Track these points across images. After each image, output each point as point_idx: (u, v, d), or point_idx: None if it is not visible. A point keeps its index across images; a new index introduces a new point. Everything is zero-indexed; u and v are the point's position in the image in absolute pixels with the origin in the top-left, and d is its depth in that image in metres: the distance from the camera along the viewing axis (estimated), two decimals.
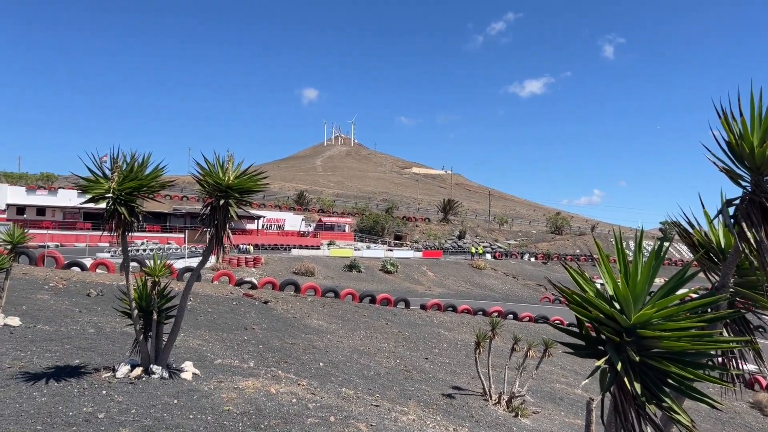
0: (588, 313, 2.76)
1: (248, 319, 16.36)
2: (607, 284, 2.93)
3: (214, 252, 5.90)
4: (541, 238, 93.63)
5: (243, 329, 14.76)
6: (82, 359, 7.14)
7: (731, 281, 3.52)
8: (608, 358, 2.72)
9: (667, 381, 2.72)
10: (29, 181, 72.83)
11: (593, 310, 2.73)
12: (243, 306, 18.03)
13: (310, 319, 18.95)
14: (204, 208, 5.86)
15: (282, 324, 16.94)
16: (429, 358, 16.78)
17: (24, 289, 14.25)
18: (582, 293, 2.89)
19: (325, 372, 11.72)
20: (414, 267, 54.92)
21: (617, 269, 2.92)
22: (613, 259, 3.24)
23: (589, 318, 2.78)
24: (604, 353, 2.80)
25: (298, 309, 20.03)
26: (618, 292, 2.78)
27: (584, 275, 3.02)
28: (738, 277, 3.71)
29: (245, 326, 15.21)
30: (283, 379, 7.39)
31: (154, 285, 6.17)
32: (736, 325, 3.75)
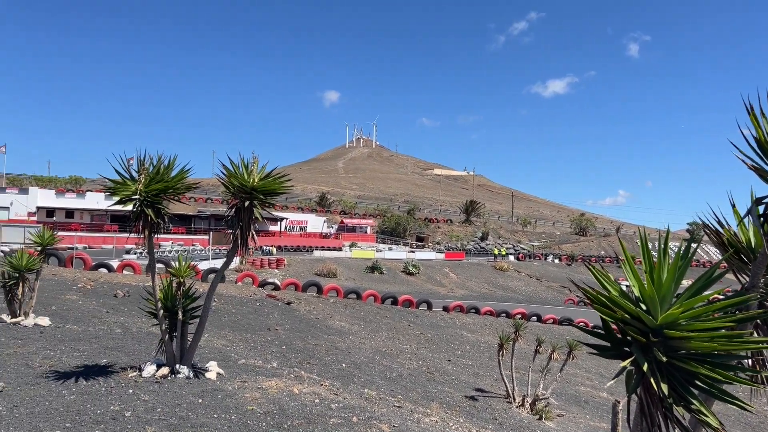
0: (613, 314, 2.73)
1: (271, 319, 16.48)
2: (633, 284, 2.88)
3: (238, 253, 5.96)
4: (565, 240, 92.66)
5: (266, 330, 14.87)
6: (110, 359, 7.27)
7: (761, 281, 3.44)
8: (634, 359, 2.68)
9: (696, 383, 2.67)
10: (58, 185, 74.47)
11: (618, 310, 2.70)
12: (266, 307, 18.17)
13: (333, 320, 19.02)
14: (229, 210, 5.92)
15: (305, 325, 17.03)
16: (451, 360, 16.72)
17: (53, 290, 14.56)
18: (606, 294, 2.86)
19: (348, 373, 11.75)
20: (436, 269, 54.77)
21: (643, 270, 2.88)
22: (638, 260, 3.20)
23: (615, 319, 2.75)
24: (630, 354, 2.76)
25: (321, 310, 20.11)
26: (644, 292, 2.73)
27: (608, 275, 2.98)
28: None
29: (268, 327, 15.33)
30: (306, 379, 7.43)
31: (180, 286, 6.26)
32: (766, 326, 3.67)
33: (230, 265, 26.92)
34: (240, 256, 8.22)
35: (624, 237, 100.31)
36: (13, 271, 9.52)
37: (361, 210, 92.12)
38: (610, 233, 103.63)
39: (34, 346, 7.71)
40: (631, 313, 2.68)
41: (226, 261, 6.34)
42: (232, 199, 6.00)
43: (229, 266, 6.41)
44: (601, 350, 2.94)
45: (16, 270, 9.50)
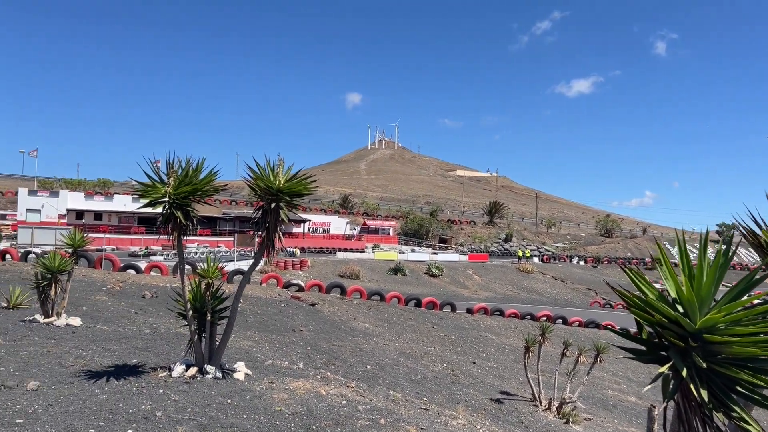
0: (650, 317, 2.67)
1: (296, 320, 16.58)
2: (670, 287, 2.82)
3: (265, 255, 6.01)
4: (591, 241, 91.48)
5: (291, 331, 14.96)
6: (140, 359, 7.37)
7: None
8: (672, 363, 2.62)
9: (736, 388, 2.60)
10: (87, 187, 76.01)
11: (656, 314, 2.64)
12: (291, 308, 18.29)
13: (356, 321, 19.04)
14: (256, 212, 5.97)
15: (329, 326, 17.09)
16: (476, 363, 16.61)
17: (84, 291, 14.85)
18: (642, 296, 2.80)
19: (373, 375, 11.75)
20: (459, 270, 54.52)
21: (681, 273, 2.82)
22: (674, 262, 3.13)
23: (651, 322, 2.69)
24: (668, 359, 2.70)
25: (345, 311, 20.16)
26: (682, 295, 2.68)
27: (644, 278, 2.93)
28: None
29: (293, 328, 15.42)
30: (333, 380, 7.44)
31: (208, 287, 6.33)
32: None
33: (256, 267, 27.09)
34: (267, 258, 8.33)
35: (651, 239, 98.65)
36: (46, 272, 9.73)
37: (383, 212, 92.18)
38: (636, 235, 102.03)
39: (67, 346, 7.86)
40: (669, 317, 2.62)
41: (254, 262, 6.39)
42: (258, 201, 6.04)
43: (256, 267, 6.45)
44: (637, 354, 2.89)
45: (49, 271, 9.71)
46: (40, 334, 8.69)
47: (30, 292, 11.52)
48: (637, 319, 2.83)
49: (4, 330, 8.74)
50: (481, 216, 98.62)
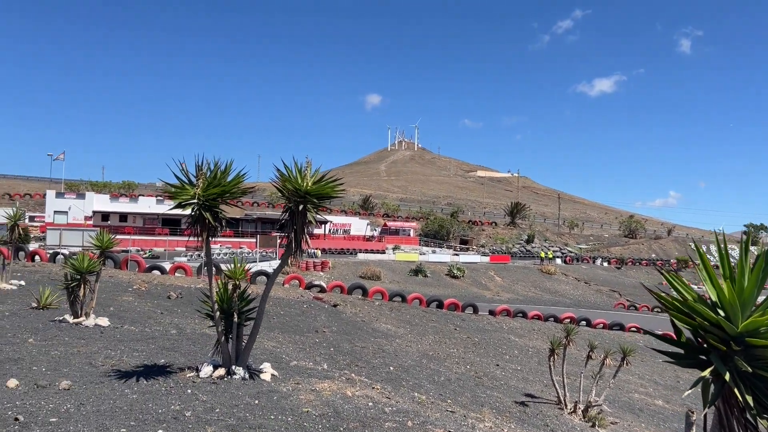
0: (690, 321, 2.61)
1: (318, 321, 16.63)
2: (710, 290, 2.76)
3: (292, 257, 6.04)
4: (614, 242, 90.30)
5: (314, 332, 15.01)
6: (167, 359, 7.45)
7: None
8: (714, 368, 2.56)
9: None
10: (112, 189, 77.30)
11: (697, 317, 2.58)
12: (313, 309, 18.35)
13: (378, 323, 19.04)
14: (283, 214, 5.99)
15: (351, 327, 17.11)
16: (500, 365, 16.48)
17: (111, 291, 15.08)
18: (681, 299, 2.74)
19: (396, 376, 11.73)
20: (481, 272, 54.23)
21: (722, 276, 2.75)
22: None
23: (692, 326, 2.63)
24: (708, 363, 2.63)
25: (366, 313, 20.17)
26: (723, 298, 2.61)
27: (683, 280, 2.86)
28: None
29: (316, 329, 15.47)
30: (358, 382, 7.44)
31: (235, 288, 6.37)
32: None
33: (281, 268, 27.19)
34: (295, 259, 8.35)
35: (676, 239, 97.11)
36: (75, 273, 9.90)
37: (403, 213, 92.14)
38: (661, 235, 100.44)
39: (96, 346, 7.98)
40: (711, 320, 2.56)
41: (281, 264, 6.42)
42: (285, 202, 6.07)
43: (283, 268, 6.48)
44: (676, 358, 2.83)
45: (78, 272, 9.87)
46: (69, 334, 8.84)
47: (59, 293, 11.74)
48: (675, 323, 2.77)
49: (35, 330, 8.91)
50: (502, 217, 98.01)
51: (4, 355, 6.93)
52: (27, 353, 7.15)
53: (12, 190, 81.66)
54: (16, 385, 5.55)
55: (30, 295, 12.41)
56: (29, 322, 9.65)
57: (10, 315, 10.18)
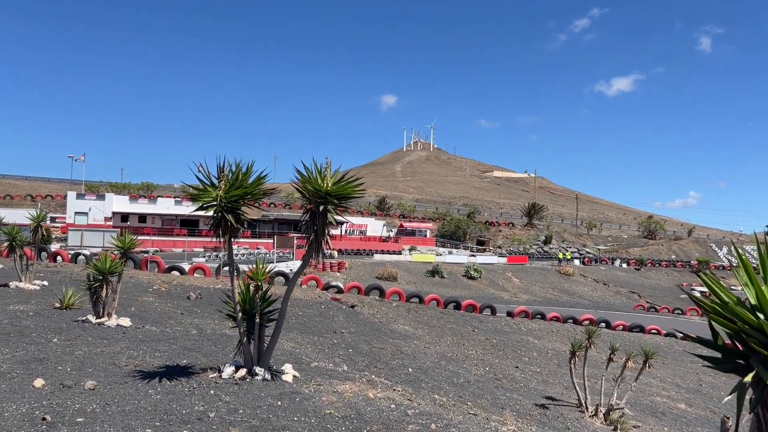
0: (731, 325, 2.54)
1: (336, 322, 16.63)
2: (749, 293, 2.68)
3: (313, 258, 6.02)
4: (633, 243, 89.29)
5: (332, 333, 15.01)
6: (189, 359, 7.49)
7: None
8: (755, 373, 2.49)
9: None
10: (131, 191, 78.23)
11: (738, 321, 2.51)
12: (331, 310, 18.37)
13: (396, 324, 19.00)
14: (304, 215, 5.98)
15: (369, 328, 17.09)
16: (519, 367, 16.36)
17: (131, 292, 15.22)
18: (719, 303, 2.67)
19: (415, 378, 11.69)
20: (498, 273, 53.94)
21: (762, 278, 2.67)
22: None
23: (732, 329, 2.56)
24: (749, 368, 2.56)
25: (384, 314, 20.14)
26: (764, 301, 2.53)
27: (720, 283, 2.79)
28: None
29: (334, 330, 15.47)
30: (379, 384, 7.41)
31: (257, 289, 6.38)
32: None
33: (294, 268, 27.18)
34: (315, 260, 8.34)
35: (696, 240, 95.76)
36: (97, 273, 9.99)
37: (420, 213, 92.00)
38: (681, 236, 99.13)
39: (119, 346, 8.05)
40: (752, 323, 2.49)
41: (302, 265, 6.41)
42: (305, 203, 6.06)
43: (304, 269, 6.48)
44: (714, 362, 2.75)
45: (101, 273, 9.97)
46: (92, 334, 8.93)
47: (81, 293, 11.88)
48: (714, 326, 2.70)
49: (59, 330, 9.02)
50: (519, 218, 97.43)
51: (30, 354, 7.02)
52: (52, 353, 7.23)
53: (34, 191, 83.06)
54: (43, 384, 5.61)
55: (53, 295, 12.58)
56: (53, 322, 9.77)
57: (34, 315, 10.32)
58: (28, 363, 6.58)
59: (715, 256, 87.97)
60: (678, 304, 46.35)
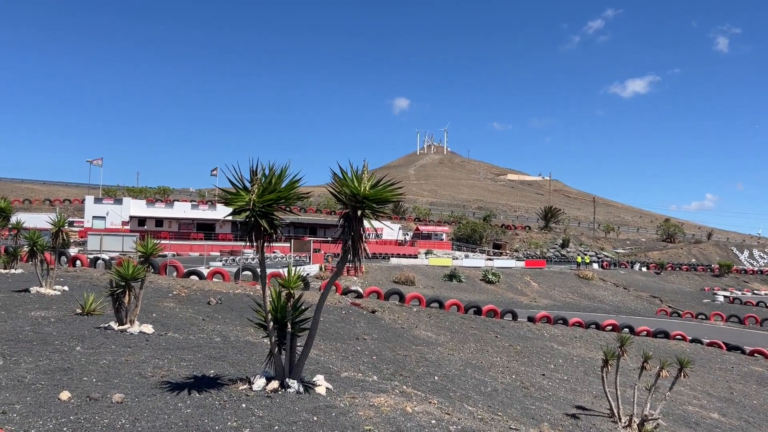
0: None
1: (358, 328, 16.36)
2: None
3: (353, 265, 5.74)
4: (652, 247, 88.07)
5: (355, 339, 14.74)
6: (216, 369, 7.24)
7: None
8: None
9: None
10: (148, 195, 78.73)
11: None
12: (352, 315, 18.10)
13: (418, 330, 18.68)
14: (340, 220, 5.71)
15: (391, 334, 16.80)
16: (545, 375, 15.95)
17: (151, 297, 15.06)
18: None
19: (442, 386, 11.37)
20: (517, 277, 53.38)
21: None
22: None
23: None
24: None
25: (405, 319, 19.83)
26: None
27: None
28: None
29: (356, 336, 15.20)
30: (413, 396, 7.11)
31: (289, 297, 6.11)
32: None
33: (311, 272, 27.09)
34: (354, 266, 8.04)
35: (717, 244, 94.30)
36: (120, 279, 9.81)
37: (434, 217, 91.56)
38: (700, 240, 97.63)
39: (143, 355, 7.83)
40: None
41: (337, 272, 6.13)
42: (342, 208, 5.79)
43: (339, 276, 6.19)
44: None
45: (123, 279, 9.78)
46: (115, 341, 8.73)
47: (102, 299, 11.72)
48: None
49: (81, 337, 8.83)
50: (535, 221, 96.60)
51: (54, 364, 6.81)
52: (76, 362, 7.03)
53: (52, 195, 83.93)
54: (69, 397, 5.38)
55: (74, 300, 12.44)
56: (75, 328, 9.59)
57: (55, 321, 10.15)
58: (52, 373, 6.37)
59: (736, 259, 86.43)
60: (701, 309, 45.43)
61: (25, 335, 8.60)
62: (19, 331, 8.85)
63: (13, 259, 17.82)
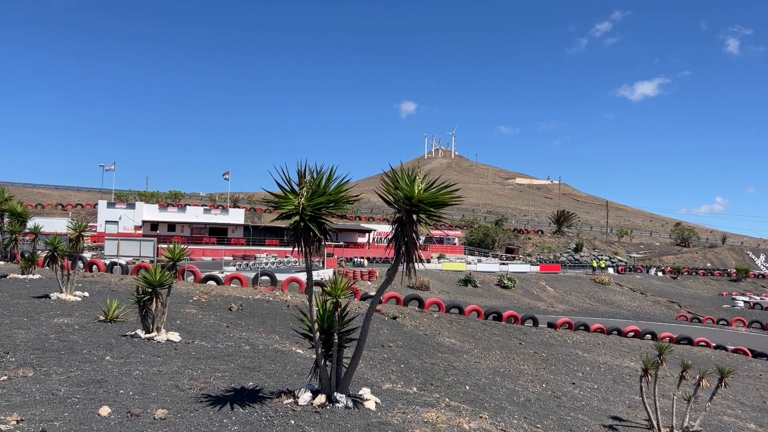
0: None
1: (382, 335, 16.00)
2: None
3: (406, 272, 5.40)
4: (666, 251, 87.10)
5: (380, 347, 14.39)
6: (254, 381, 6.92)
7: None
8: None
9: None
10: (160, 199, 78.82)
11: None
12: (374, 321, 17.72)
13: (441, 336, 18.29)
14: (393, 224, 5.37)
15: (415, 341, 16.42)
16: (575, 383, 15.51)
17: (173, 303, 14.73)
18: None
19: (474, 396, 11.01)
20: (532, 282, 52.80)
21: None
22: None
23: None
24: None
25: (427, 326, 19.45)
26: None
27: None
28: None
29: (381, 343, 14.84)
30: (462, 410, 6.74)
31: (336, 306, 5.78)
32: None
33: (325, 277, 26.57)
34: (408, 274, 7.82)
35: (732, 248, 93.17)
36: (147, 286, 9.52)
37: (445, 221, 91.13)
38: (715, 244, 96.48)
39: (175, 365, 7.52)
40: None
41: (387, 280, 5.78)
42: (395, 212, 5.45)
43: (389, 284, 5.85)
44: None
45: (150, 285, 9.49)
46: (144, 350, 8.44)
47: (125, 305, 11.45)
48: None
49: (109, 346, 8.54)
50: (546, 225, 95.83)
51: (87, 375, 6.51)
52: (108, 373, 6.73)
53: (64, 200, 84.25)
54: (109, 413, 5.06)
55: (95, 306, 12.18)
56: (101, 336, 9.30)
57: (80, 329, 9.88)
58: (86, 385, 6.07)
59: (752, 264, 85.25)
60: (721, 315, 44.66)
61: (51, 344, 8.32)
62: (44, 340, 8.57)
63: (30, 265, 17.61)
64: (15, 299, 12.80)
